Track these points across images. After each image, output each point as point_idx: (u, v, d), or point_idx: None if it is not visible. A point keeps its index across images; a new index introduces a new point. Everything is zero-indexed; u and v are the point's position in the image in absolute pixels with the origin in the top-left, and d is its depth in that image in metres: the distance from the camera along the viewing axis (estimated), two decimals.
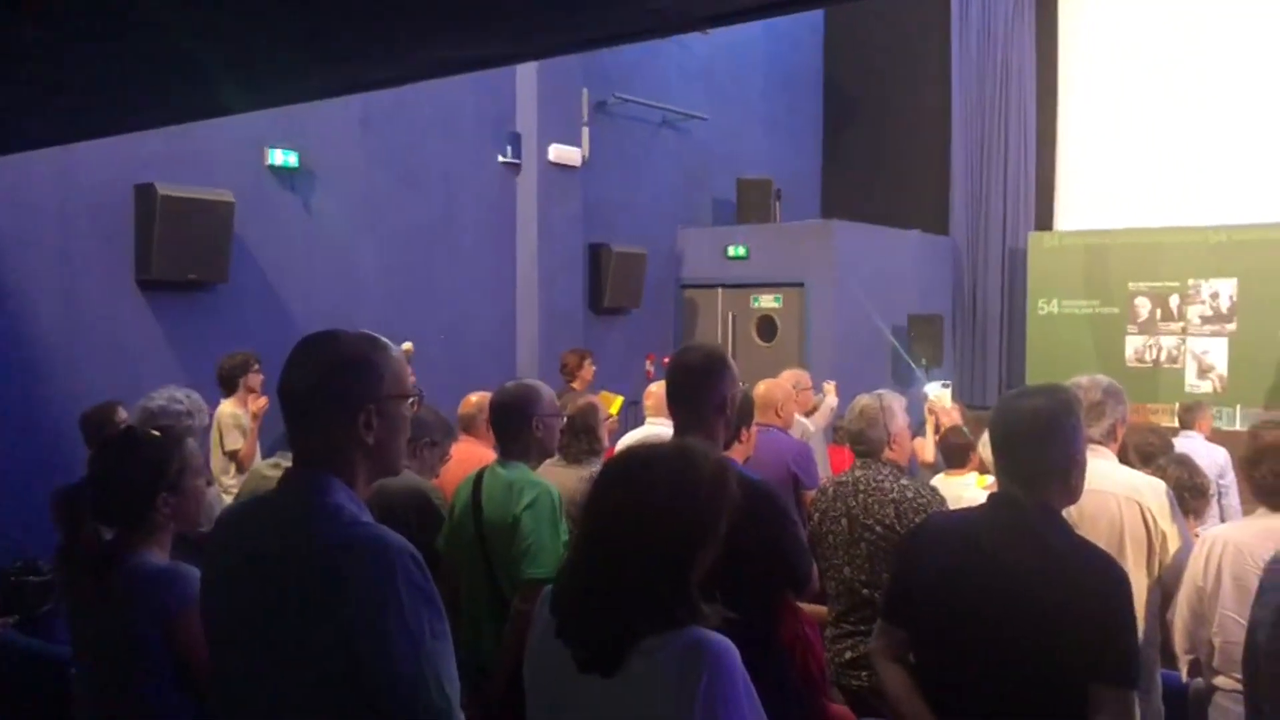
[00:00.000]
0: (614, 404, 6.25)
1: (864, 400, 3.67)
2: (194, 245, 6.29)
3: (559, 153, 8.59)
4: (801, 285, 9.50)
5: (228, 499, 4.77)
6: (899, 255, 10.16)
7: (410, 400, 1.75)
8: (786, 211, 10.50)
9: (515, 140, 8.54)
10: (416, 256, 7.89)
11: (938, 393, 6.49)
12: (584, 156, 8.87)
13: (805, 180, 11.57)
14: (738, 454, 3.62)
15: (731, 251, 9.87)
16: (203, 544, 1.82)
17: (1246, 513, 3.40)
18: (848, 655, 3.35)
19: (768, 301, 9.76)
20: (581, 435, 3.94)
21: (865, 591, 3.34)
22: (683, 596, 1.61)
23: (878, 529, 3.32)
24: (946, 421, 6.01)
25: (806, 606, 3.26)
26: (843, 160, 11.73)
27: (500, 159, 8.48)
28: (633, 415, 6.99)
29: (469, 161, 8.27)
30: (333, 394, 1.66)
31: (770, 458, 4.64)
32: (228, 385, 5.73)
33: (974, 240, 10.99)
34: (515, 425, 3.12)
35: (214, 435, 5.51)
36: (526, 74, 8.43)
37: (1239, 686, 2.53)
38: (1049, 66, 10.68)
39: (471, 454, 3.95)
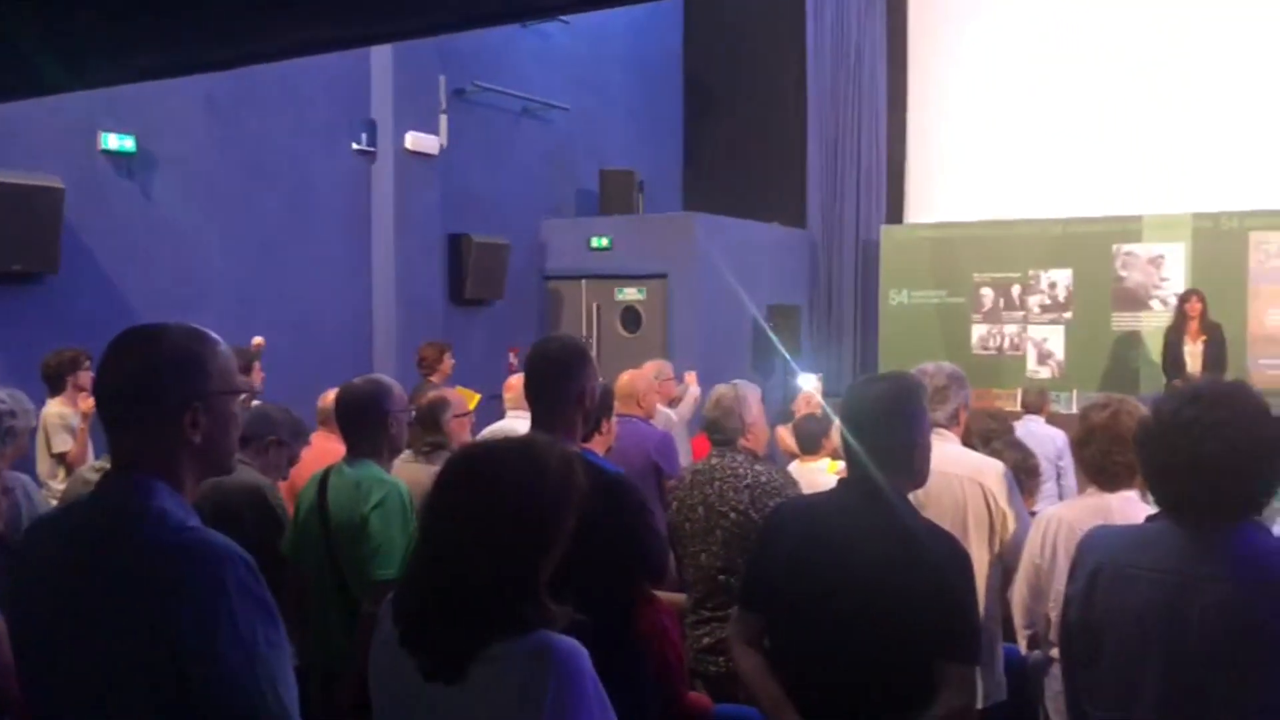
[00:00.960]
0: (470, 401, 6.17)
1: (720, 390, 3.72)
2: (19, 234, 5.90)
3: (416, 141, 8.40)
4: (665, 276, 9.57)
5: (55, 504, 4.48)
6: (758, 247, 10.35)
7: (241, 396, 1.66)
8: (649, 203, 10.55)
9: (370, 127, 8.31)
10: (265, 247, 7.59)
11: (813, 385, 6.65)
12: (442, 145, 8.70)
13: (667, 172, 11.66)
14: (598, 445, 3.59)
15: (595, 243, 9.86)
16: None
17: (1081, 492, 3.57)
18: (705, 641, 3.38)
19: (631, 293, 9.80)
20: (430, 429, 3.85)
21: (722, 578, 3.38)
22: (531, 597, 1.57)
23: (732, 515, 3.36)
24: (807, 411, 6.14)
25: (665, 595, 3.28)
26: (703, 152, 11.87)
27: (355, 146, 8.24)
28: (494, 409, 6.90)
29: (321, 149, 8.01)
30: (155, 392, 1.55)
31: (632, 448, 4.66)
32: (54, 384, 5.39)
33: (829, 233, 11.29)
34: (365, 423, 3.02)
35: (40, 437, 5.18)
36: (381, 60, 8.21)
37: None
38: (899, 63, 11.05)
39: (332, 451, 3.81)
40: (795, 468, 5.25)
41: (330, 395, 4.33)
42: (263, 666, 1.44)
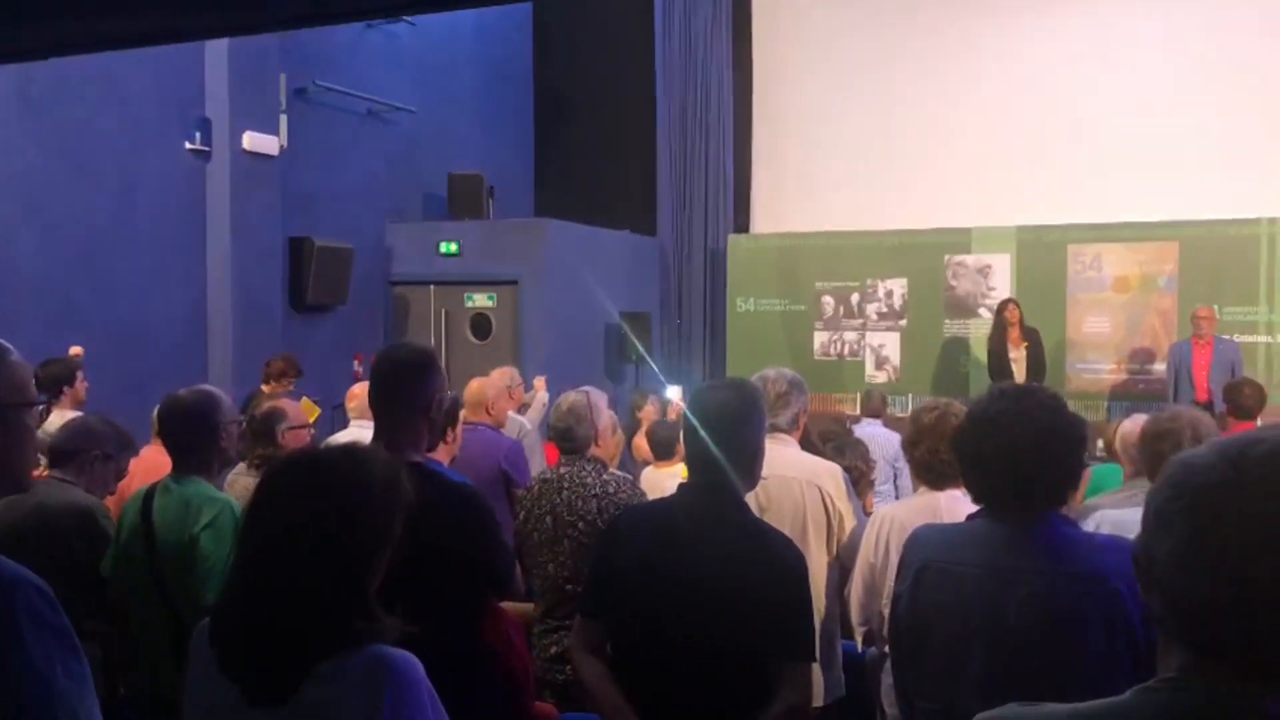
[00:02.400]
0: (311, 414, 5.98)
1: (571, 397, 3.70)
2: None
3: (254, 140, 8.08)
4: (515, 283, 9.50)
5: None
6: (610, 254, 10.41)
7: (37, 408, 1.54)
8: (499, 208, 10.47)
9: (204, 126, 7.95)
10: (87, 249, 7.16)
11: (679, 396, 6.73)
12: (282, 145, 8.40)
13: (518, 177, 11.60)
14: (442, 455, 3.54)
15: (443, 248, 9.72)
16: None
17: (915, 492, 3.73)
18: (553, 650, 3.36)
19: (481, 299, 9.69)
20: (261, 441, 3.71)
21: (570, 587, 3.36)
22: (360, 609, 1.52)
23: (580, 525, 3.35)
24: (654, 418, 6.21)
25: (511, 605, 3.25)
26: (555, 158, 11.86)
27: (187, 145, 7.86)
28: (339, 418, 6.70)
29: (150, 147, 7.60)
30: None
31: (481, 457, 4.61)
32: None
33: (679, 241, 11.46)
34: (193, 436, 2.87)
35: None
36: (216, 56, 7.86)
37: None
38: (745, 77, 11.32)
39: (164, 465, 3.61)
40: (649, 474, 5.29)
41: None
42: (61, 700, 1.35)
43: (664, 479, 5.16)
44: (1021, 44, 10.08)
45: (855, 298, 10.45)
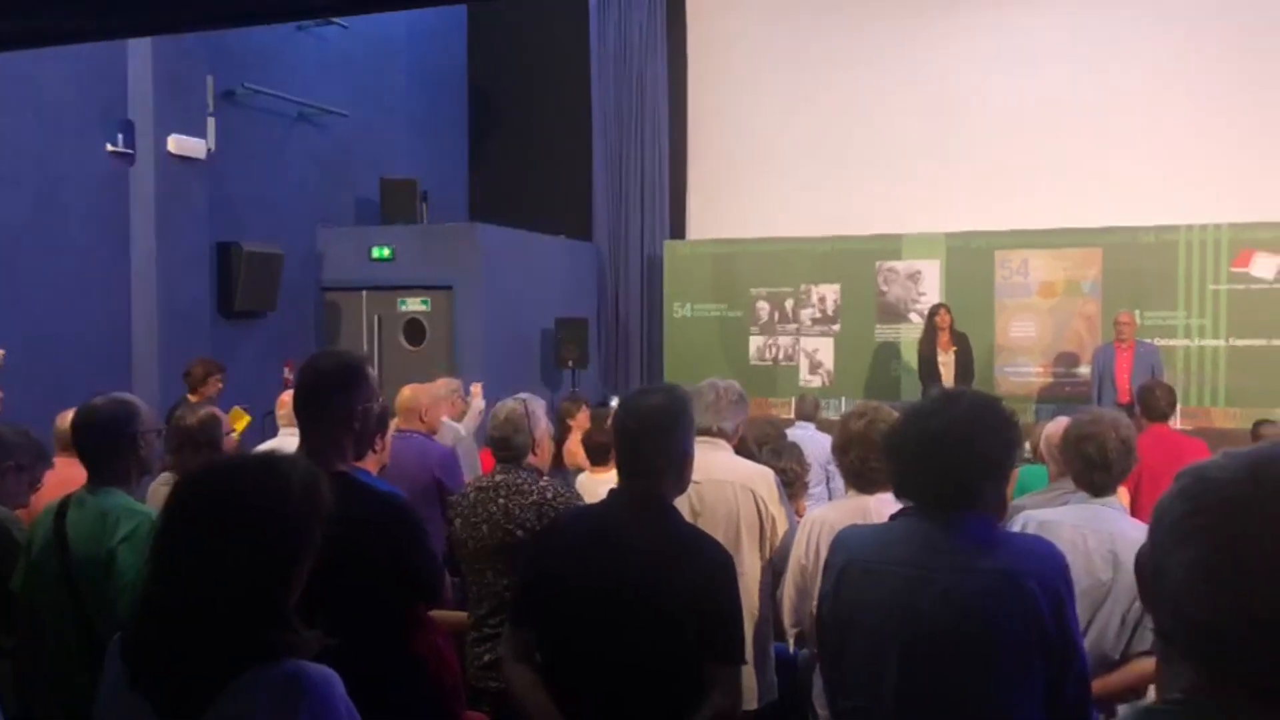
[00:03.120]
0: (238, 420, 5.86)
1: (509, 406, 3.67)
2: None
3: (180, 143, 7.89)
4: (450, 288, 9.43)
5: None
6: (546, 259, 10.37)
7: None
8: (433, 213, 10.38)
9: (128, 128, 7.75)
10: (4, 254, 6.93)
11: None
12: (210, 148, 8.22)
13: (452, 182, 11.51)
14: (370, 465, 3.48)
15: (376, 253, 9.60)
16: None
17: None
18: (487, 659, 3.33)
19: (415, 304, 9.59)
20: (204, 449, 3.62)
21: (508, 595, 3.33)
22: (277, 623, 1.49)
23: (519, 534, 3.32)
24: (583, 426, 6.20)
25: (443, 614, 3.21)
26: (490, 163, 11.79)
27: (109, 148, 7.66)
28: (269, 425, 6.57)
29: (70, 149, 7.39)
30: None
31: (414, 464, 4.55)
32: None
33: (615, 247, 11.47)
34: (109, 446, 2.78)
35: None
36: (140, 57, 7.67)
37: None
38: (679, 84, 11.37)
39: (77, 477, 3.50)
40: (584, 479, 5.28)
41: (69, 416, 3.98)
42: None
43: (599, 485, 5.15)
44: (951, 54, 10.27)
45: (790, 303, 10.55)
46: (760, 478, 3.19)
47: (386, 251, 9.58)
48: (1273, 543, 0.94)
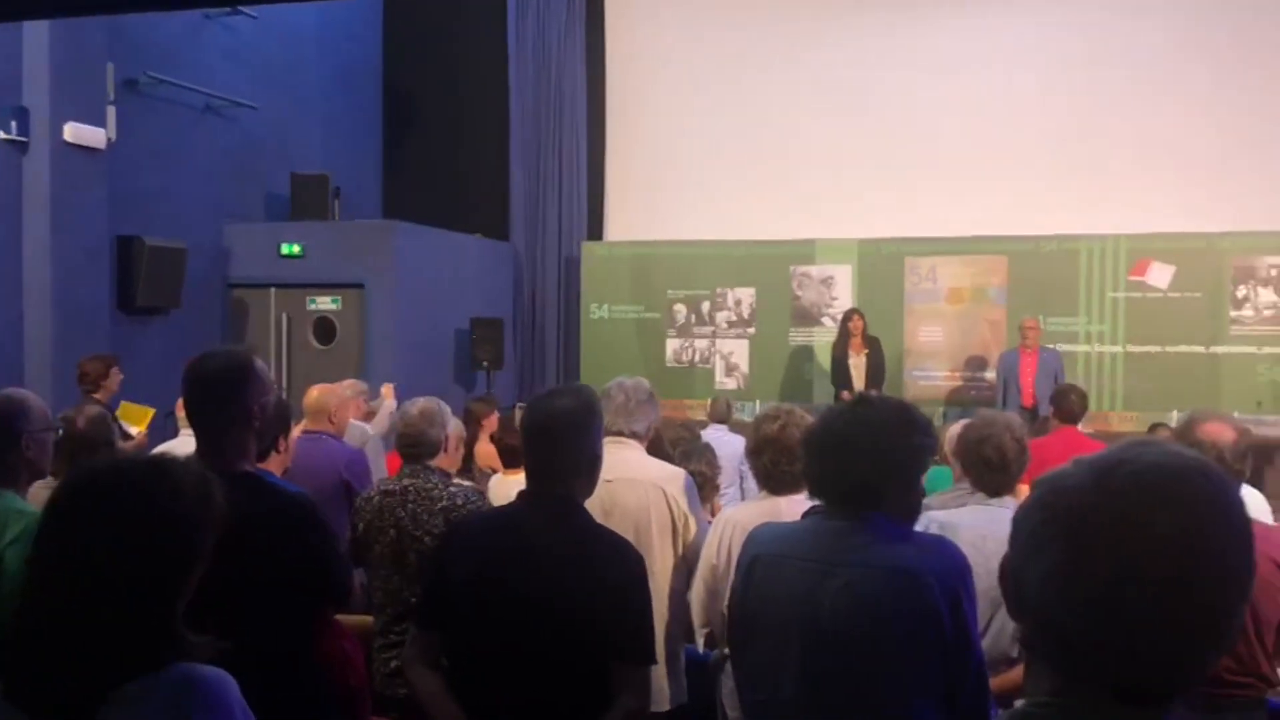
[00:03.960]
0: (143, 418, 5.65)
1: (421, 402, 3.62)
2: None
3: (78, 133, 7.60)
4: (361, 286, 9.26)
5: None
6: (461, 259, 10.26)
7: None
8: (346, 210, 10.18)
9: (22, 115, 7.43)
10: None
11: None
12: (110, 139, 7.94)
13: (365, 179, 11.31)
14: (274, 465, 3.40)
15: (285, 249, 9.38)
16: None
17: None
18: (394, 664, 3.27)
19: (325, 303, 9.40)
20: (101, 449, 3.49)
21: (414, 601, 3.28)
22: (165, 629, 1.43)
23: (426, 540, 3.27)
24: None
25: (350, 618, 3.14)
26: (404, 161, 11.62)
27: (1, 135, 7.34)
28: (171, 425, 6.36)
29: None
30: None
31: (321, 466, 4.46)
32: None
33: (532, 247, 11.40)
34: None
35: None
36: (36, 41, 7.37)
37: None
38: (598, 82, 11.36)
39: None
40: (497, 481, 5.22)
41: None
42: None
43: (512, 487, 5.09)
44: (866, 61, 10.45)
45: (706, 306, 10.62)
46: (672, 478, 3.19)
47: (296, 248, 9.37)
48: (1119, 547, 0.96)
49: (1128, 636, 0.96)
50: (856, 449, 2.02)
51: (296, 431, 4.35)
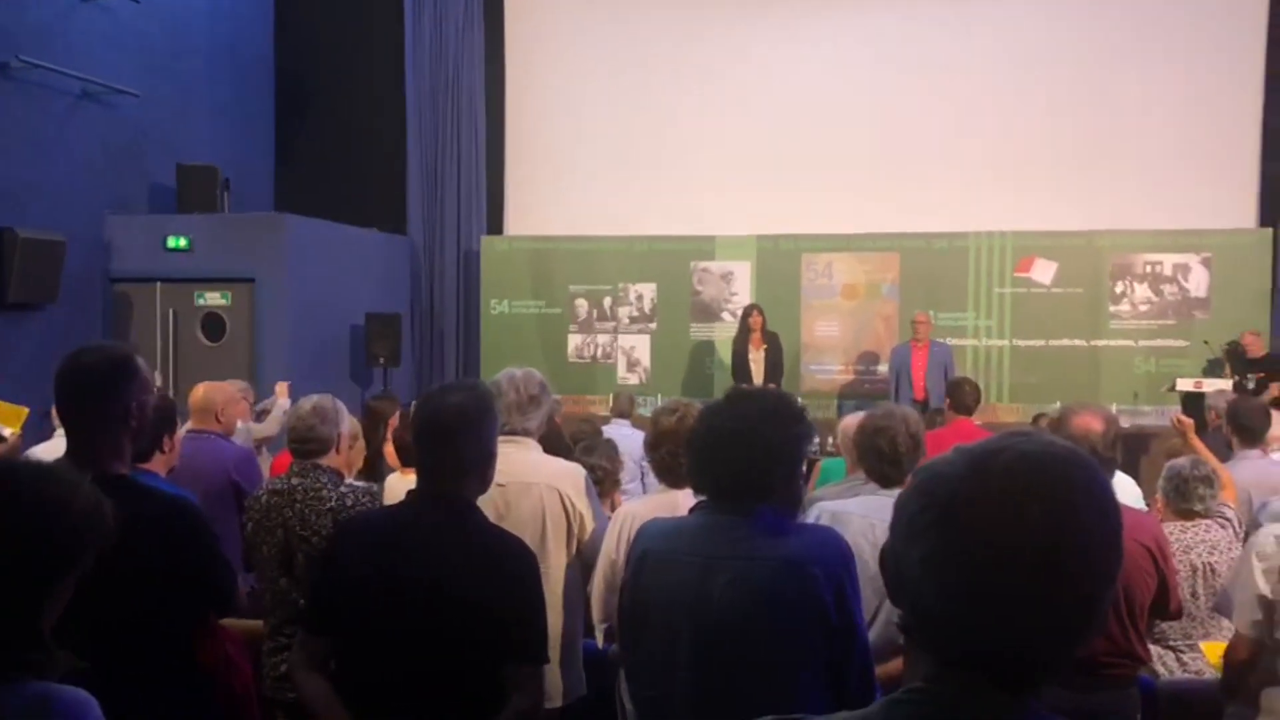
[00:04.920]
0: (16, 418, 5.38)
1: (314, 398, 3.53)
2: None
3: None
4: (252, 281, 8.98)
5: None
6: (357, 253, 10.05)
7: None
8: (235, 202, 9.86)
9: None
10: None
11: None
12: None
13: (256, 171, 10.98)
14: (158, 466, 3.30)
15: (171, 243, 9.04)
16: None
17: None
18: (283, 669, 3.18)
19: (214, 298, 9.09)
20: None
21: (303, 603, 3.20)
22: (30, 643, 1.36)
23: (314, 540, 3.19)
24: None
25: (237, 622, 3.05)
26: (297, 152, 11.31)
27: None
28: (47, 426, 6.08)
29: None
30: None
31: (209, 466, 4.35)
32: None
33: (431, 241, 11.23)
34: None
35: None
36: None
37: None
38: (498, 74, 11.24)
39: None
40: (394, 480, 5.13)
41: None
42: None
43: (409, 485, 5.03)
44: (762, 60, 10.59)
45: (608, 301, 10.62)
46: (567, 476, 3.17)
47: (183, 241, 9.04)
48: (995, 534, 0.97)
49: (1000, 621, 0.98)
50: (741, 443, 2.04)
51: (183, 431, 4.21)
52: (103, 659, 2.14)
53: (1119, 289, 9.73)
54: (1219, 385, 8.30)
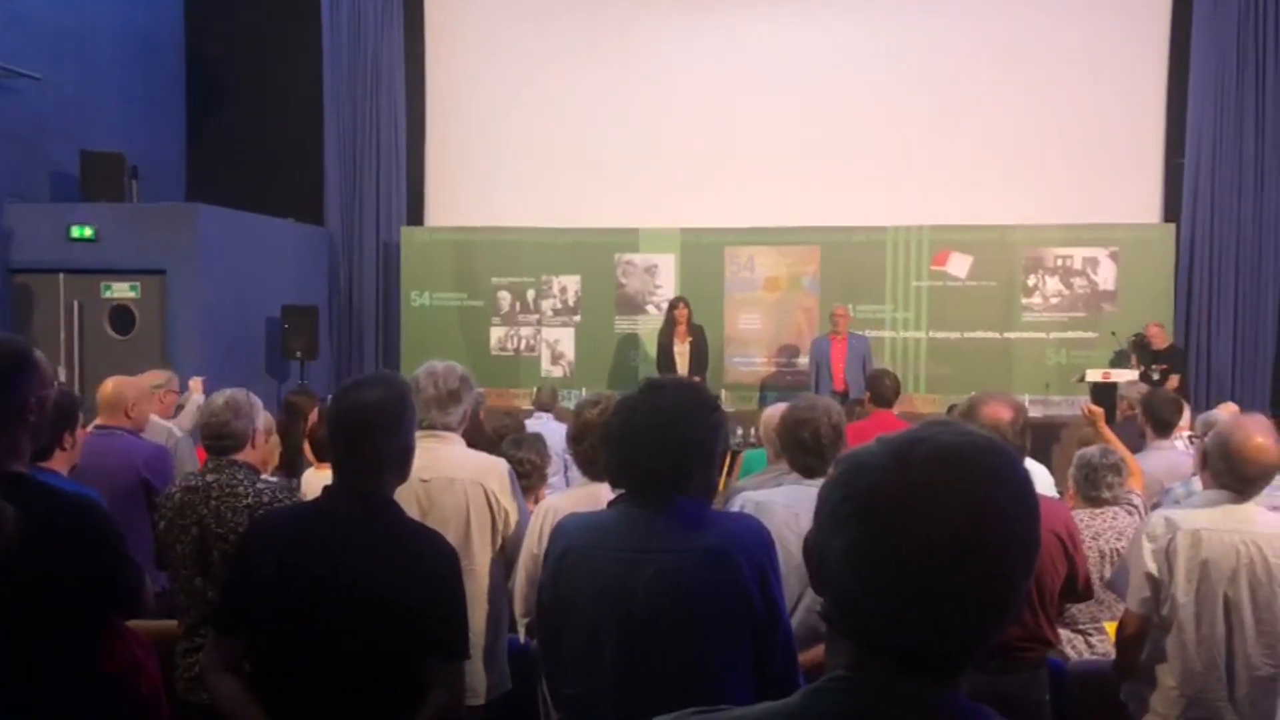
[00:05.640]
0: None
1: (227, 392, 3.43)
2: None
3: None
4: (163, 273, 8.74)
5: None
6: (272, 244, 9.83)
7: None
8: (145, 191, 9.56)
9: None
10: None
11: None
12: None
13: (167, 158, 10.65)
14: (60, 464, 3.18)
15: (76, 232, 8.74)
16: None
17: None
18: (197, 670, 3.10)
19: (122, 290, 8.81)
20: None
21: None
22: None
23: (231, 538, 3.11)
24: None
25: (149, 624, 2.96)
26: (210, 141, 11.00)
27: None
28: None
29: None
30: None
31: (118, 464, 4.22)
32: None
33: (349, 232, 11.03)
34: None
35: None
36: None
37: None
38: (417, 63, 11.07)
39: None
40: (310, 476, 5.03)
41: None
42: None
43: (327, 480, 4.93)
44: (685, 53, 10.61)
45: (531, 293, 10.56)
46: (491, 470, 3.14)
47: (88, 231, 8.74)
48: (916, 523, 0.98)
49: (921, 609, 0.99)
50: (660, 435, 2.03)
51: (90, 427, 4.07)
52: (3, 663, 2.07)
53: (1031, 282, 9.99)
54: (1127, 376, 8.58)
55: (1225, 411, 4.85)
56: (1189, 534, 2.81)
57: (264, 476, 3.44)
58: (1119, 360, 9.39)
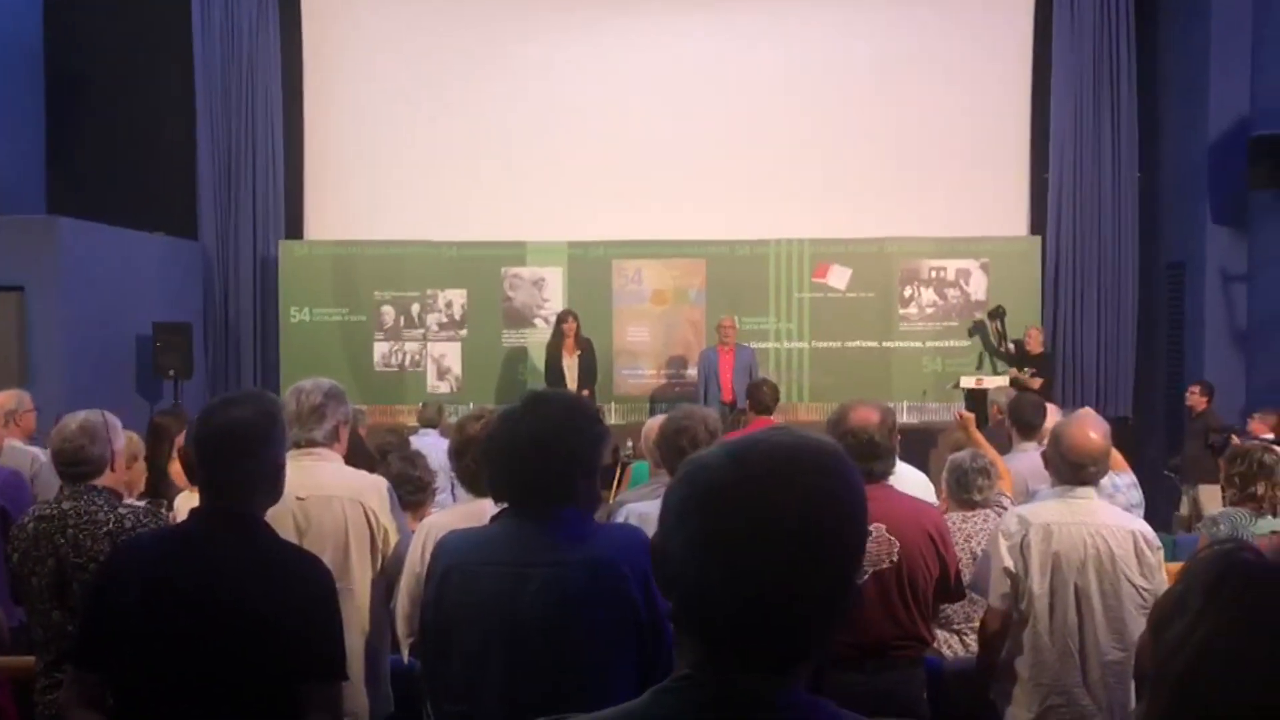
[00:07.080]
0: None
1: (81, 415, 3.27)
2: None
3: None
4: (20, 289, 8.29)
5: None
6: (140, 259, 9.44)
7: None
8: (1, 204, 9.07)
9: None
10: None
11: None
12: None
13: (24, 170, 10.12)
14: None
15: None
16: None
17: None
18: (57, 709, 2.94)
19: None
20: None
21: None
22: None
23: (91, 568, 2.96)
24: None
25: (5, 660, 2.80)
26: (72, 150, 10.49)
27: None
28: None
29: None
30: None
31: None
32: None
33: (224, 246, 10.67)
34: None
35: None
36: None
37: None
38: (294, 73, 10.78)
39: None
40: (183, 499, 4.84)
41: None
42: None
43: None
44: (570, 66, 10.62)
45: (416, 308, 10.40)
46: (370, 488, 3.07)
47: None
48: (752, 513, 1.03)
49: (759, 597, 1.03)
50: (542, 448, 2.03)
51: None
52: None
53: (907, 293, 10.32)
54: (999, 382, 8.94)
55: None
56: (1040, 528, 2.98)
57: (127, 501, 3.30)
58: (977, 330, 10.00)
